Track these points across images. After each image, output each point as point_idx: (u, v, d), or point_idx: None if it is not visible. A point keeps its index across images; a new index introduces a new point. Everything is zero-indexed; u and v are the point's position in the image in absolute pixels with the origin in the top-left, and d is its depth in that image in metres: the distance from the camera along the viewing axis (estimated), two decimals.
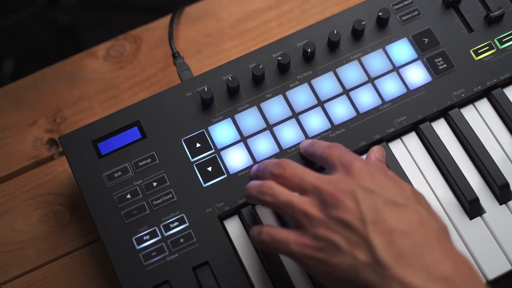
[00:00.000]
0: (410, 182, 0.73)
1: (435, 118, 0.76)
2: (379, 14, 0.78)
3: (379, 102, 0.76)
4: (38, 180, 0.80)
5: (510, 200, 0.73)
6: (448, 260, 0.57)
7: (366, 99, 0.76)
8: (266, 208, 0.72)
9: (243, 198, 0.72)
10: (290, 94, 0.76)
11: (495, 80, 0.76)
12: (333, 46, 0.78)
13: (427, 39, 0.78)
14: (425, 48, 0.78)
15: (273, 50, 0.78)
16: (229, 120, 0.75)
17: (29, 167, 0.81)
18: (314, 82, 0.77)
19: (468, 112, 0.76)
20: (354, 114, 0.75)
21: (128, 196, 0.72)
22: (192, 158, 0.74)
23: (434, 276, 0.56)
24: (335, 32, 0.77)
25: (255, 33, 0.87)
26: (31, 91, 0.85)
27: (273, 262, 0.70)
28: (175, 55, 0.82)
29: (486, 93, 0.77)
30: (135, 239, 0.70)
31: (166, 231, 0.71)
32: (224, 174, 0.73)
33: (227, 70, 0.77)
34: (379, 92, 0.76)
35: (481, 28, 0.79)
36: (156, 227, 0.71)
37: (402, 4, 0.80)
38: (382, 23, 0.78)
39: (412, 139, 0.75)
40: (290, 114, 0.75)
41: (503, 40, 0.78)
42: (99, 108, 0.84)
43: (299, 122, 0.75)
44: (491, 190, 0.73)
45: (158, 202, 0.72)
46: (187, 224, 0.71)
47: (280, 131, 0.75)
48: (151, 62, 0.86)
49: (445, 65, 0.77)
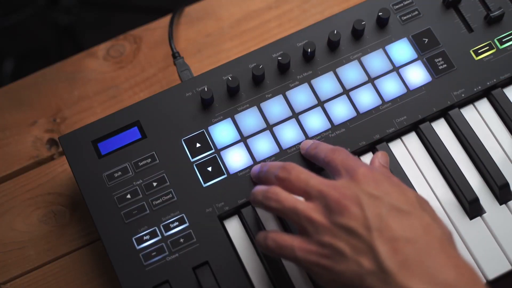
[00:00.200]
0: (410, 182, 0.73)
1: (435, 118, 0.76)
2: (379, 14, 0.78)
3: (379, 102, 0.76)
4: (38, 180, 0.80)
5: (510, 200, 0.73)
6: (451, 267, 0.57)
7: (366, 99, 0.76)
8: None
9: (243, 198, 0.72)
10: (290, 94, 0.76)
11: (495, 80, 0.76)
12: (333, 46, 0.78)
13: (427, 39, 0.78)
14: (425, 48, 0.78)
15: (273, 50, 0.78)
16: (229, 120, 0.75)
17: (29, 167, 0.81)
18: (314, 82, 0.77)
19: (468, 112, 0.76)
20: (354, 114, 0.75)
21: (128, 196, 0.72)
22: (192, 158, 0.74)
23: (438, 283, 0.56)
24: (335, 32, 0.77)
25: (255, 33, 0.87)
26: (31, 91, 0.85)
27: (273, 262, 0.70)
28: (175, 55, 0.82)
29: (486, 93, 0.77)
30: (135, 239, 0.70)
31: (166, 231, 0.71)
32: (224, 174, 0.73)
33: (227, 70, 0.77)
34: (379, 92, 0.76)
35: (481, 28, 0.79)
36: (156, 227, 0.71)
37: (402, 4, 0.80)
38: (382, 23, 0.78)
39: (412, 139, 0.75)
40: (290, 114, 0.75)
41: (503, 40, 0.78)
42: (99, 108, 0.84)
43: (299, 122, 0.75)
44: (491, 190, 0.73)
45: (158, 202, 0.72)
46: (187, 224, 0.71)
47: (280, 131, 0.75)
48: (151, 62, 0.86)
49: (445, 65, 0.77)
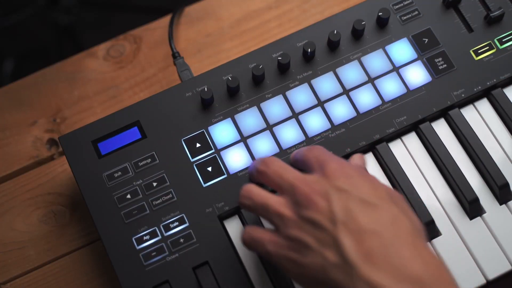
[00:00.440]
0: (410, 182, 0.73)
1: (435, 118, 0.76)
2: (379, 14, 0.78)
3: (379, 102, 0.76)
4: (38, 180, 0.80)
5: (510, 200, 0.73)
6: (418, 260, 0.57)
7: (366, 99, 0.76)
8: None
9: None
10: (290, 94, 0.76)
11: (495, 80, 0.76)
12: (333, 46, 0.78)
13: (427, 39, 0.78)
14: (425, 48, 0.78)
15: (273, 50, 0.78)
16: (229, 120, 0.75)
17: (29, 167, 0.81)
18: (314, 82, 0.77)
19: (468, 112, 0.76)
20: (354, 114, 0.75)
21: (128, 196, 0.72)
22: (192, 158, 0.74)
23: (403, 277, 0.55)
24: (335, 32, 0.77)
25: (255, 33, 0.87)
26: (31, 91, 0.85)
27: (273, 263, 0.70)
28: (175, 55, 0.82)
29: (486, 93, 0.77)
30: (135, 239, 0.70)
31: (166, 231, 0.71)
32: (224, 174, 0.73)
33: (227, 70, 0.77)
34: (379, 92, 0.76)
35: (481, 28, 0.79)
36: (156, 227, 0.71)
37: (402, 4, 0.80)
38: (382, 23, 0.78)
39: (412, 139, 0.75)
40: (290, 114, 0.75)
41: (503, 40, 0.78)
42: (99, 108, 0.84)
43: (299, 122, 0.75)
44: (491, 190, 0.73)
45: (158, 202, 0.72)
46: (187, 224, 0.71)
47: (280, 131, 0.75)
48: (151, 62, 0.86)
49: (445, 65, 0.77)
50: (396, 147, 0.75)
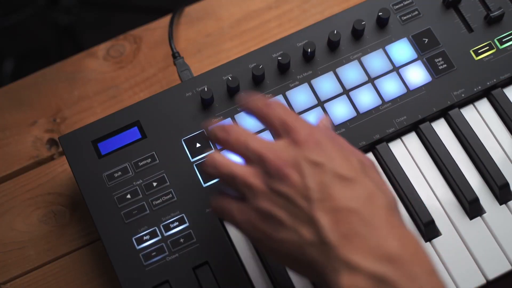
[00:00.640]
0: (410, 182, 0.73)
1: (435, 118, 0.76)
2: (379, 14, 0.78)
3: (379, 102, 0.76)
4: (38, 180, 0.80)
5: (510, 200, 0.73)
6: (395, 238, 0.56)
7: (366, 99, 0.76)
8: None
9: None
10: (290, 94, 0.76)
11: (495, 80, 0.76)
12: (333, 46, 0.78)
13: (427, 39, 0.78)
14: (425, 48, 0.78)
15: (273, 50, 0.78)
16: (229, 120, 0.75)
17: (29, 167, 0.81)
18: (314, 82, 0.77)
19: (468, 112, 0.76)
20: (354, 114, 0.75)
21: (128, 196, 0.72)
22: (192, 158, 0.74)
23: (380, 256, 0.55)
24: (335, 32, 0.77)
25: (255, 33, 0.87)
26: (31, 91, 0.85)
27: (273, 262, 0.70)
28: (175, 55, 0.82)
29: (486, 93, 0.77)
30: (135, 239, 0.70)
31: (166, 231, 0.71)
32: None
33: (227, 70, 0.77)
34: (379, 92, 0.76)
35: (481, 28, 0.79)
36: (156, 227, 0.71)
37: (402, 4, 0.80)
38: (382, 23, 0.78)
39: (412, 139, 0.75)
40: None
41: (503, 40, 0.78)
42: (99, 108, 0.84)
43: None
44: (491, 190, 0.73)
45: (158, 202, 0.72)
46: (187, 224, 0.71)
47: None
48: (151, 62, 0.86)
49: (445, 65, 0.77)
50: (396, 147, 0.75)
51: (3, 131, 0.83)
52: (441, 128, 0.76)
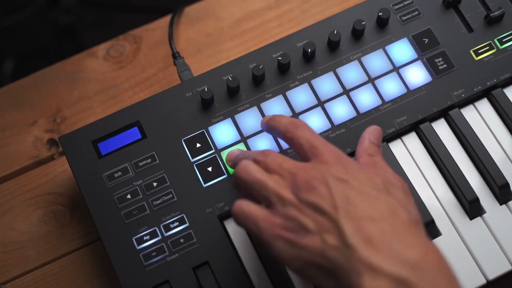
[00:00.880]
0: (410, 182, 0.73)
1: (435, 118, 0.76)
2: (379, 14, 0.78)
3: (379, 102, 0.76)
4: (38, 180, 0.80)
5: (510, 200, 0.73)
6: (417, 247, 0.57)
7: (366, 99, 0.76)
8: None
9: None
10: (290, 94, 0.76)
11: (495, 80, 0.76)
12: (333, 46, 0.78)
13: (427, 39, 0.78)
14: (425, 48, 0.78)
15: (273, 50, 0.78)
16: (229, 120, 0.75)
17: (29, 167, 0.81)
18: (314, 82, 0.77)
19: (468, 112, 0.76)
20: (354, 114, 0.75)
21: (128, 196, 0.72)
22: (192, 158, 0.74)
23: (403, 261, 0.56)
24: (335, 32, 0.77)
25: (255, 33, 0.87)
26: (31, 91, 0.85)
27: (273, 262, 0.70)
28: (175, 55, 0.82)
29: (486, 93, 0.77)
30: (135, 239, 0.70)
31: (166, 231, 0.71)
32: (224, 174, 0.73)
33: (227, 70, 0.77)
34: (379, 92, 0.76)
35: (481, 28, 0.79)
36: (156, 227, 0.71)
37: (402, 4, 0.80)
38: (382, 23, 0.78)
39: (412, 139, 0.75)
40: (290, 114, 0.75)
41: (503, 40, 0.78)
42: (99, 108, 0.84)
43: None
44: (491, 190, 0.73)
45: (158, 202, 0.72)
46: (187, 224, 0.71)
47: None
48: (151, 62, 0.86)
49: (445, 65, 0.77)
50: (396, 147, 0.75)
51: (3, 131, 0.83)
52: (441, 128, 0.76)
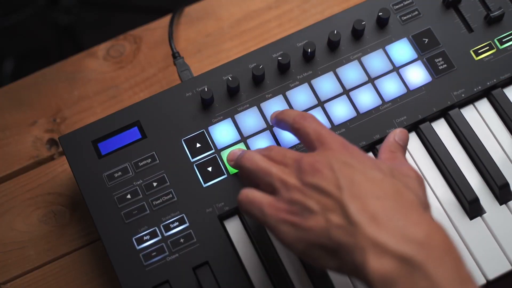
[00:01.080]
0: None
1: (435, 118, 0.76)
2: (379, 14, 0.78)
3: (379, 102, 0.76)
4: (38, 180, 0.80)
5: (510, 200, 0.73)
6: (423, 225, 0.57)
7: (366, 99, 0.76)
8: None
9: None
10: (290, 94, 0.76)
11: (495, 80, 0.76)
12: (333, 46, 0.78)
13: (427, 39, 0.78)
14: (425, 48, 0.78)
15: (273, 50, 0.78)
16: (229, 120, 0.75)
17: (29, 167, 0.81)
18: (314, 82, 0.77)
19: (468, 112, 0.76)
20: (354, 114, 0.75)
21: (128, 196, 0.72)
22: (192, 158, 0.74)
23: (408, 239, 0.56)
24: (335, 32, 0.77)
25: (255, 33, 0.87)
26: (31, 91, 0.85)
27: (273, 262, 0.70)
28: (175, 55, 0.82)
29: (486, 93, 0.77)
30: (135, 239, 0.70)
31: (166, 231, 0.71)
32: (224, 174, 0.73)
33: (227, 70, 0.77)
34: (379, 92, 0.76)
35: (481, 28, 0.79)
36: (156, 227, 0.71)
37: (402, 4, 0.80)
38: (382, 23, 0.78)
39: (412, 139, 0.75)
40: None
41: (503, 40, 0.78)
42: (99, 108, 0.84)
43: None
44: (491, 190, 0.73)
45: (158, 202, 0.72)
46: (187, 224, 0.71)
47: (280, 131, 0.75)
48: (151, 62, 0.87)
49: (445, 65, 0.77)
50: None
51: (3, 131, 0.83)
52: (441, 128, 0.76)
